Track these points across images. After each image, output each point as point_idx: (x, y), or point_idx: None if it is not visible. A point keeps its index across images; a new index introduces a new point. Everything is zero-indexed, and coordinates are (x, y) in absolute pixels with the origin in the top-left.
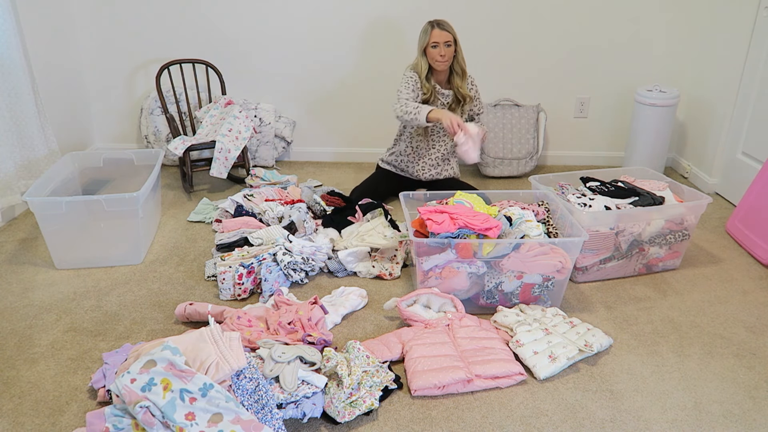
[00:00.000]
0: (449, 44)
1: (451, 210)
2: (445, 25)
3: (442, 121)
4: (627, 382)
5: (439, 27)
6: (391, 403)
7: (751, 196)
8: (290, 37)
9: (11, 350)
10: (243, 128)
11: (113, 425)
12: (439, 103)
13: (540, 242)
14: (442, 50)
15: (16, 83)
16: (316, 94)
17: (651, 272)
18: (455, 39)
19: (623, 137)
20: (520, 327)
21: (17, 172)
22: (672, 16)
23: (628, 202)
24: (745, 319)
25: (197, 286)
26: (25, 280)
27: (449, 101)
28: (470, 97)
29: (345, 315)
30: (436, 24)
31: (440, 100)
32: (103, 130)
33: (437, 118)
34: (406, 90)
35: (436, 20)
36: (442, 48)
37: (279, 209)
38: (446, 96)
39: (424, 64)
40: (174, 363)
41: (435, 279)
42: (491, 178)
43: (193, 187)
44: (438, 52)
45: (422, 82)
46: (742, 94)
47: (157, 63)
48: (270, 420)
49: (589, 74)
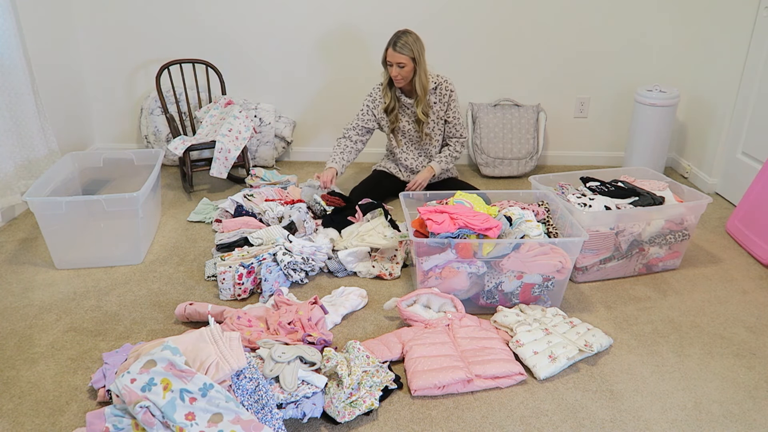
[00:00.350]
0: (402, 65)
1: (451, 210)
2: (401, 47)
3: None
4: (627, 382)
5: (393, 47)
6: (391, 403)
7: (751, 196)
8: (290, 37)
9: (11, 350)
10: (243, 128)
11: (113, 425)
12: (407, 112)
13: (540, 242)
14: (394, 70)
15: (16, 83)
16: (316, 94)
17: (651, 272)
18: (414, 58)
19: (623, 137)
20: (520, 327)
21: (17, 172)
22: (672, 16)
23: (628, 202)
24: (745, 319)
25: (197, 286)
26: (25, 280)
27: (415, 111)
28: (432, 111)
29: (345, 315)
30: (393, 42)
31: (407, 110)
32: (103, 130)
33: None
34: (361, 115)
35: (397, 36)
36: (395, 68)
37: (279, 209)
38: (410, 105)
39: (386, 75)
40: (174, 363)
41: (435, 279)
42: (491, 178)
43: (193, 187)
44: (391, 71)
45: (384, 90)
46: (742, 94)
47: (157, 63)
48: (270, 420)
49: (589, 74)
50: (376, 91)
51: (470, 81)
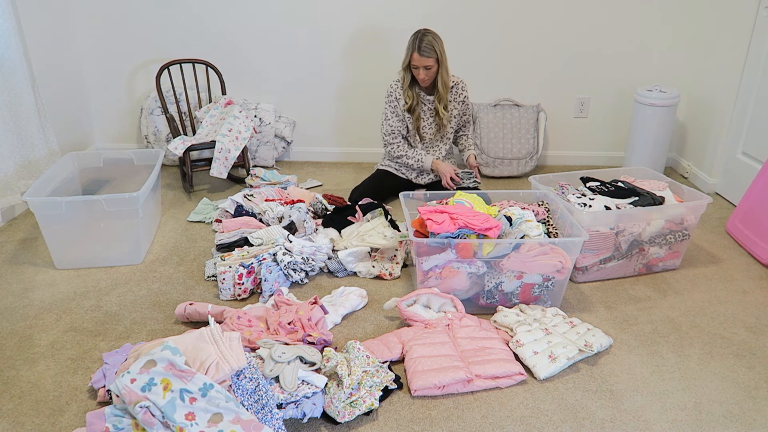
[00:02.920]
0: (429, 68)
1: (451, 210)
2: (426, 50)
3: (440, 174)
4: (627, 382)
5: (419, 52)
6: (391, 403)
7: (751, 196)
8: (291, 37)
9: (11, 350)
10: (243, 128)
11: (113, 425)
12: (425, 108)
13: (540, 242)
14: (421, 74)
15: (16, 83)
16: (316, 94)
17: (651, 272)
18: (438, 59)
19: (623, 137)
20: (520, 327)
21: (17, 172)
22: (672, 16)
23: (628, 202)
24: (745, 319)
25: (197, 286)
26: (25, 280)
27: (434, 107)
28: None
29: (345, 315)
30: (417, 47)
31: (425, 106)
32: (103, 130)
33: (436, 170)
34: (393, 118)
35: (419, 39)
36: (422, 71)
37: (279, 209)
38: (430, 102)
39: (408, 76)
40: (174, 363)
41: (435, 279)
42: (491, 178)
43: (193, 187)
44: (418, 74)
45: (405, 90)
46: (742, 94)
47: (157, 63)
48: (270, 420)
49: (589, 74)
50: (395, 90)
51: (470, 81)
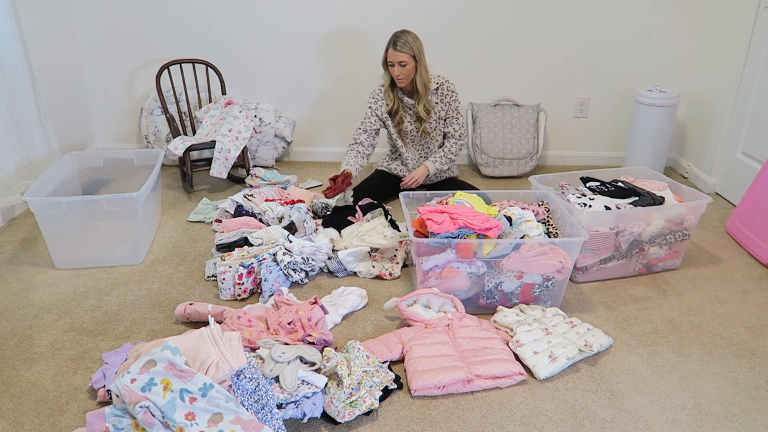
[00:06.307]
0: (403, 64)
1: (451, 210)
2: (401, 45)
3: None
4: (627, 382)
5: (394, 47)
6: (391, 403)
7: (751, 196)
8: (290, 36)
9: (11, 350)
10: (243, 128)
11: (113, 425)
12: (410, 111)
13: (540, 242)
14: (396, 70)
15: (16, 83)
16: (316, 94)
17: (651, 272)
18: (415, 56)
19: (623, 137)
20: (520, 327)
21: (17, 172)
22: (672, 16)
23: (628, 202)
24: (745, 319)
25: (197, 286)
26: (25, 280)
27: (416, 110)
28: (433, 111)
29: (345, 315)
30: (393, 42)
31: (408, 110)
32: (103, 130)
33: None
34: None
35: (396, 36)
36: (397, 68)
37: (279, 209)
38: (412, 106)
39: (387, 76)
40: (174, 363)
41: (435, 279)
42: (491, 178)
43: (193, 187)
44: (393, 71)
45: (386, 92)
46: (742, 94)
47: (157, 63)
48: (270, 420)
49: (589, 74)
50: (378, 93)
51: (470, 81)
